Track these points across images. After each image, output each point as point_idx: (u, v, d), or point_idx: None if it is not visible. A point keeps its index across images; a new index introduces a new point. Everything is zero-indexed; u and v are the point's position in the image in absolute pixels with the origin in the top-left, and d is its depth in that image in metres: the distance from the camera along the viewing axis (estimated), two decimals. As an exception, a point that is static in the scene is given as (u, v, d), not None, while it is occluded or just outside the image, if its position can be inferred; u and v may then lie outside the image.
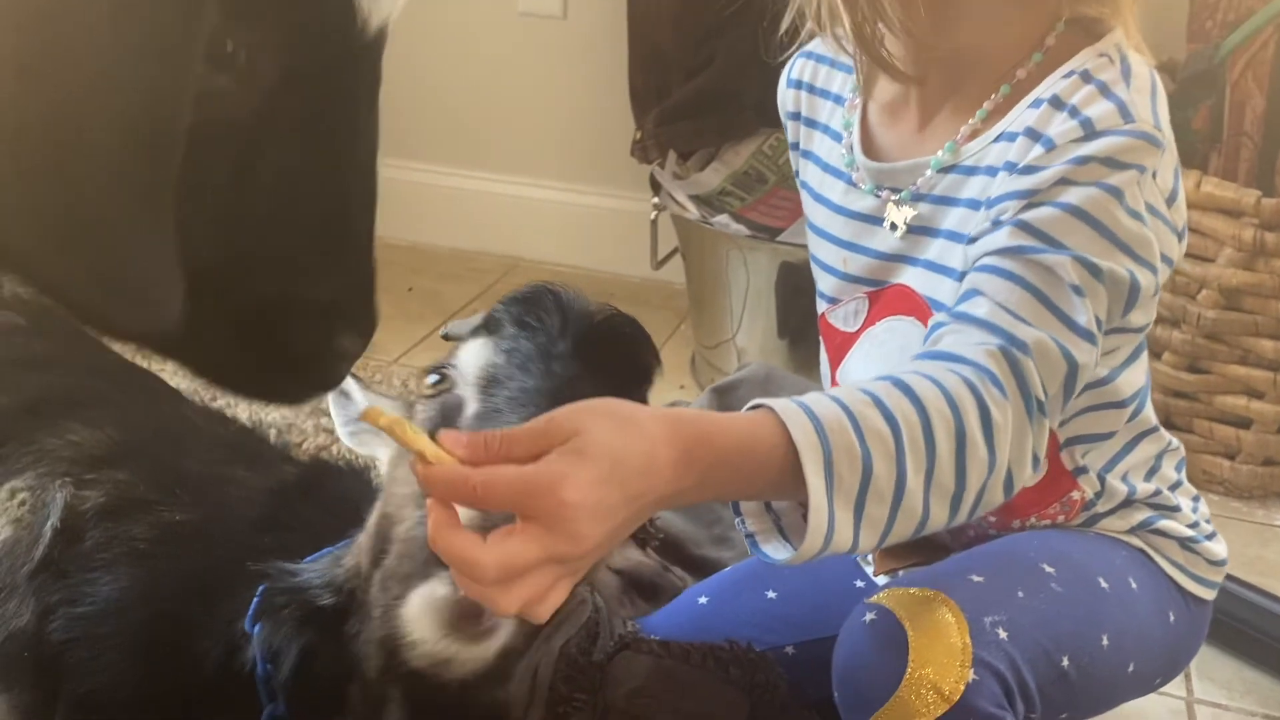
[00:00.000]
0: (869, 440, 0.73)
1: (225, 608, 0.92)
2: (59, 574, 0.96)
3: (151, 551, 0.96)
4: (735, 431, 0.72)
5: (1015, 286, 0.83)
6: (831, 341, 1.11)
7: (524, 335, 0.85)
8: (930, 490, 0.75)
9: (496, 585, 0.64)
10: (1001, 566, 0.91)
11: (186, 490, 1.02)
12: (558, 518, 0.64)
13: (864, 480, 0.73)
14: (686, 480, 0.69)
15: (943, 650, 0.81)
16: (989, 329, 0.82)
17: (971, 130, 0.96)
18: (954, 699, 0.79)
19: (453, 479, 0.65)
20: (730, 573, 1.21)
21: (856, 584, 1.13)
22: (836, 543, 0.72)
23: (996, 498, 0.79)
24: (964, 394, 0.77)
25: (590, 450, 0.66)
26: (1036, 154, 0.88)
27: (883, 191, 1.01)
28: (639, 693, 0.95)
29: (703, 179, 2.03)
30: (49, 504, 0.99)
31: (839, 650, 0.87)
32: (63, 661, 0.95)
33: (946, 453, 0.75)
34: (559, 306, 0.86)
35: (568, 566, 0.66)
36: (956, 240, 0.96)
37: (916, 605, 0.84)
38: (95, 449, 1.03)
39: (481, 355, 0.85)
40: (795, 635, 1.09)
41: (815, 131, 1.11)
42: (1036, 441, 0.81)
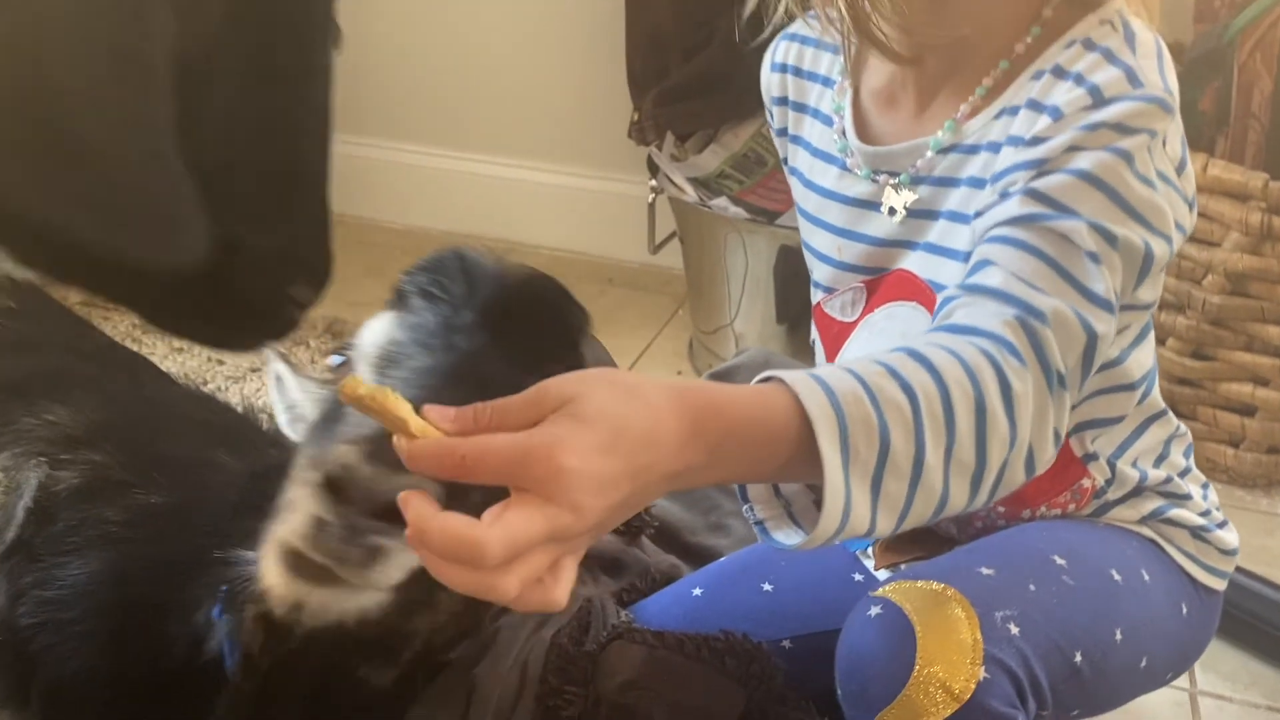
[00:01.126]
0: (886, 412, 0.68)
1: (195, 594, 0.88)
2: (31, 556, 0.93)
3: (123, 535, 0.93)
4: (745, 402, 0.67)
5: (1028, 255, 0.80)
6: (828, 332, 1.08)
7: (428, 307, 0.77)
8: (950, 466, 0.70)
9: (499, 568, 0.57)
10: (1011, 559, 0.88)
11: (164, 473, 0.99)
12: (556, 486, 0.58)
13: (881, 454, 0.68)
14: (695, 454, 0.63)
15: (952, 647, 0.77)
16: (1004, 299, 0.78)
17: (971, 108, 0.93)
18: (964, 698, 0.76)
19: (439, 450, 0.59)
20: (725, 564, 1.19)
21: (855, 577, 1.10)
22: (853, 524, 0.68)
23: (1017, 478, 0.75)
24: (982, 365, 0.73)
25: (589, 414, 0.60)
26: (1044, 124, 0.86)
27: (880, 176, 0.99)
28: (632, 684, 0.92)
29: (701, 161, 2.00)
30: (23, 484, 0.96)
31: (842, 645, 0.83)
32: (32, 647, 0.92)
33: (966, 426, 0.71)
34: (465, 272, 0.78)
35: (568, 544, 0.60)
36: (959, 221, 0.93)
37: (924, 599, 0.80)
38: (73, 430, 1.01)
39: (382, 333, 0.77)
40: (792, 629, 1.07)
41: (804, 116, 1.08)
42: (1057, 417, 0.76)
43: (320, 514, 0.63)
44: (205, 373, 2.05)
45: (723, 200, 1.95)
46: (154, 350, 2.19)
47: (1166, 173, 0.86)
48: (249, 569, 0.82)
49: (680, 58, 2.03)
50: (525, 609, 0.60)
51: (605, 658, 0.94)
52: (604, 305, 2.35)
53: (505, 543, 0.56)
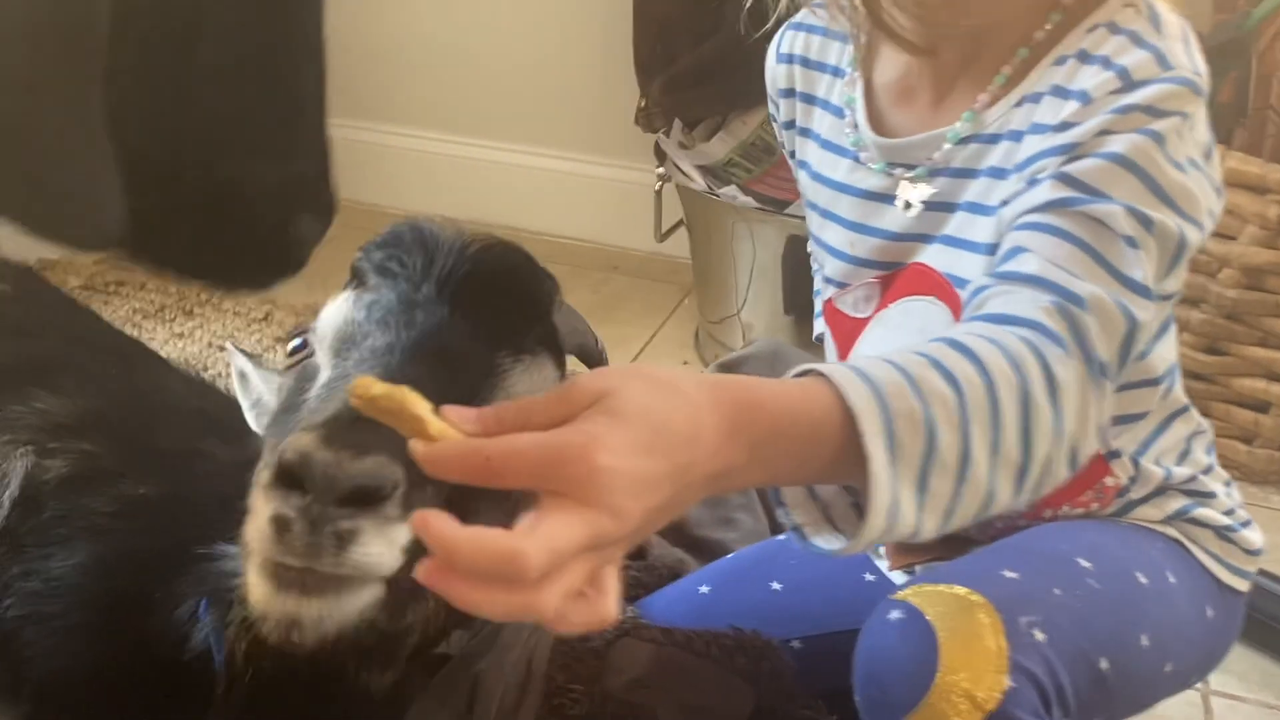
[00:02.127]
0: (932, 404, 0.64)
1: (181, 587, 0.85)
2: (17, 547, 0.90)
3: (111, 526, 0.90)
4: (785, 397, 0.62)
5: (1062, 241, 0.77)
6: (839, 329, 1.05)
7: (385, 284, 0.72)
8: (995, 462, 0.66)
9: (539, 581, 0.51)
10: (1035, 561, 0.85)
11: (154, 463, 0.96)
12: (594, 487, 0.52)
13: (927, 448, 0.64)
14: (735, 453, 0.59)
15: (977, 654, 0.74)
16: (1041, 285, 0.74)
17: (990, 97, 0.91)
18: (989, 708, 0.73)
19: (462, 452, 0.53)
20: (733, 561, 1.16)
21: (867, 577, 1.08)
22: (899, 525, 0.63)
23: (1060, 474, 0.71)
24: (1025, 353, 0.69)
25: (625, 411, 0.55)
26: (1072, 109, 0.83)
27: (895, 169, 0.96)
28: (640, 682, 0.90)
29: (709, 149, 1.97)
30: (9, 473, 0.94)
31: (861, 649, 0.80)
32: (19, 641, 0.89)
33: (1012, 418, 0.67)
34: (422, 245, 0.73)
35: (606, 553, 0.55)
36: (979, 212, 0.90)
37: (947, 604, 0.77)
38: (62, 418, 0.98)
39: (340, 313, 0.73)
40: (802, 628, 1.05)
41: (814, 108, 1.05)
42: (1099, 409, 0.73)
43: (279, 511, 0.58)
44: (206, 359, 2.03)
45: (731, 189, 1.92)
46: (154, 336, 2.17)
47: (1196, 158, 0.84)
48: (234, 563, 0.79)
49: (689, 44, 2.00)
50: (569, 628, 0.54)
51: (612, 655, 0.92)
52: (608, 294, 2.32)
53: (547, 552, 0.51)
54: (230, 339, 2.18)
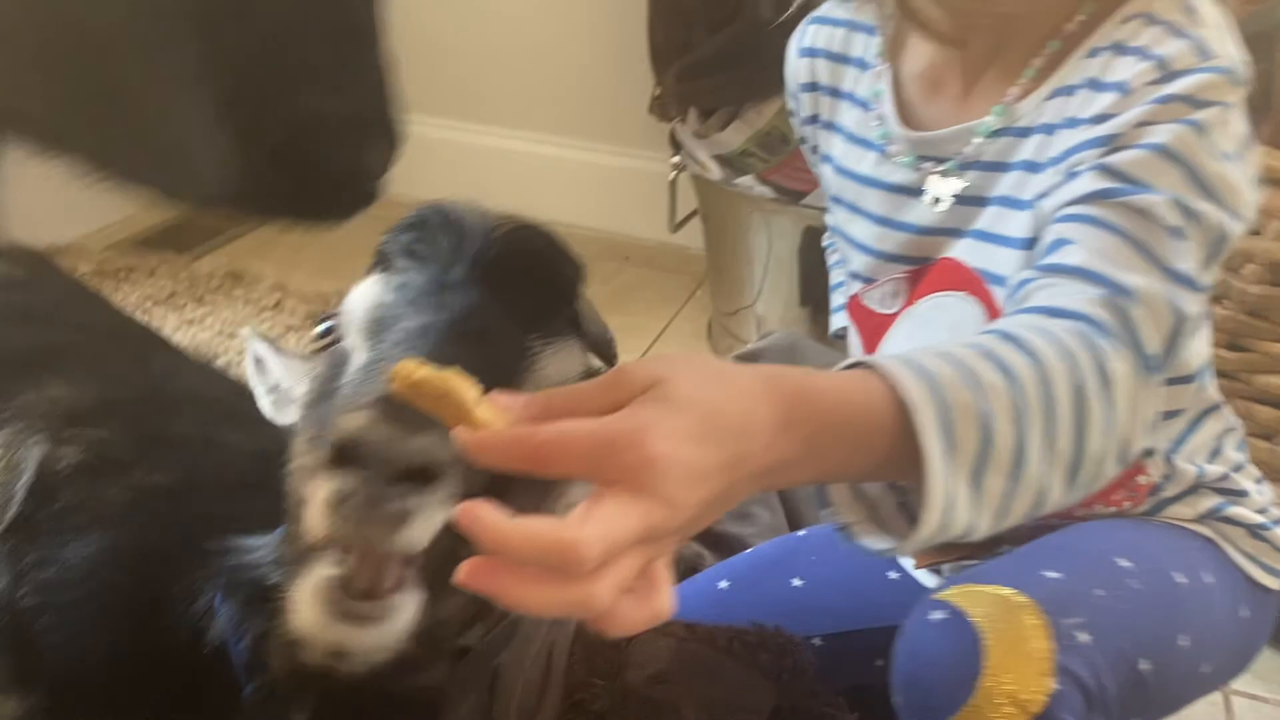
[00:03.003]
0: (987, 397, 0.62)
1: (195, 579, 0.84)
2: (32, 536, 0.89)
3: (126, 516, 0.88)
4: (838, 390, 0.60)
5: (1106, 233, 0.75)
6: (866, 324, 1.03)
7: (414, 267, 0.72)
8: (1050, 457, 0.64)
9: (593, 573, 0.49)
10: (1076, 562, 0.83)
11: (167, 452, 0.95)
12: (648, 476, 0.50)
13: (984, 444, 0.61)
14: (789, 447, 0.57)
15: (1022, 656, 0.73)
16: (1087, 278, 0.73)
17: (1022, 90, 0.89)
18: (1034, 711, 0.72)
19: (511, 439, 0.51)
20: (752, 556, 1.15)
21: (891, 575, 1.06)
22: (954, 522, 0.61)
23: (1109, 471, 0.69)
24: (1077, 346, 0.67)
25: (678, 399, 0.53)
26: (1110, 101, 0.82)
27: (924, 164, 0.95)
28: (662, 677, 0.88)
29: (724, 138, 1.95)
30: (23, 461, 0.92)
31: (902, 650, 0.78)
32: (35, 629, 0.88)
33: (1066, 412, 0.65)
34: (449, 227, 0.72)
35: (658, 547, 0.52)
36: (1012, 206, 0.89)
37: (991, 605, 0.75)
38: (76, 406, 0.96)
39: (369, 296, 0.72)
40: (824, 625, 1.03)
41: (840, 101, 1.04)
42: (1149, 404, 0.71)
43: (339, 488, 0.56)
44: (217, 346, 2.02)
45: (748, 179, 1.90)
46: (165, 323, 2.16)
47: (1236, 149, 0.82)
48: (252, 556, 0.78)
49: (705, 32, 1.97)
50: (623, 627, 0.52)
51: (634, 649, 0.90)
52: (620, 284, 2.30)
53: (602, 542, 0.49)
54: (241, 326, 2.17)
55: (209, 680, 0.83)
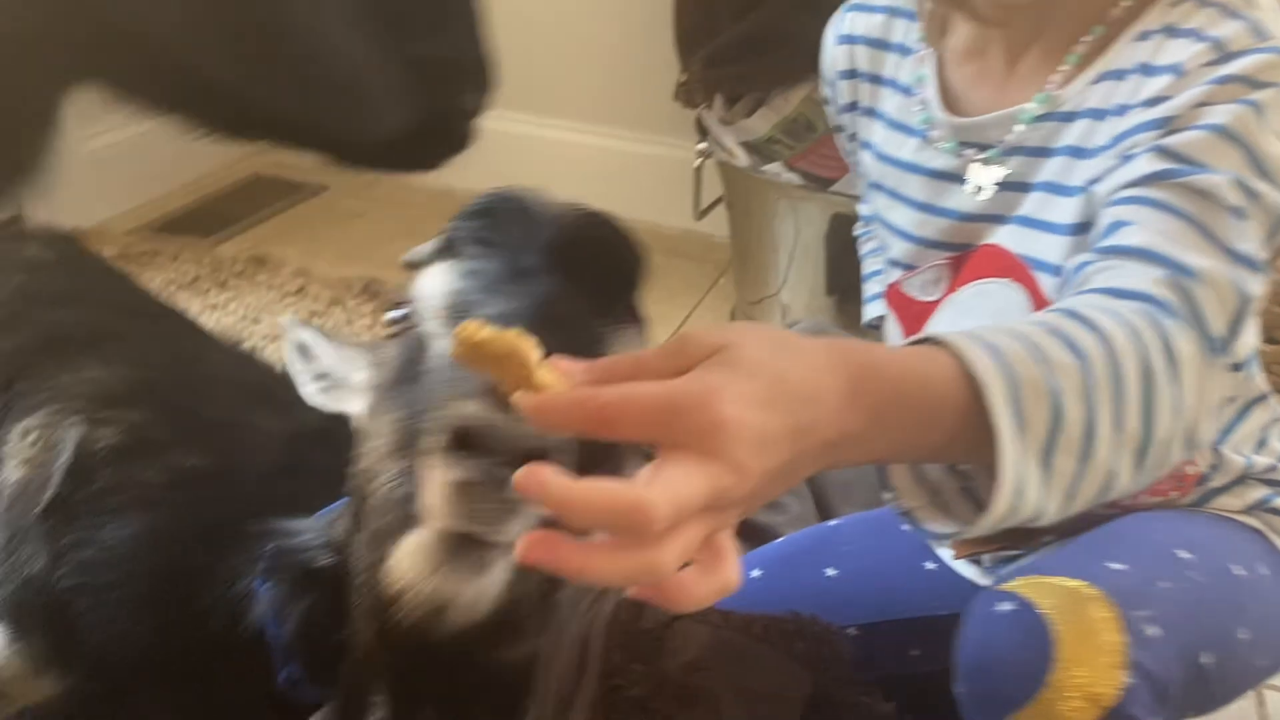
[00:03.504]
0: (1057, 373, 0.60)
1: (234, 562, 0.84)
2: (69, 516, 0.89)
3: (163, 498, 0.89)
4: (904, 362, 0.59)
5: (1166, 214, 0.73)
6: (906, 312, 1.02)
7: (486, 254, 0.72)
8: (1120, 438, 0.62)
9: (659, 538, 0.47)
10: (1138, 553, 0.81)
11: (203, 434, 0.95)
12: (716, 439, 0.49)
13: (1054, 422, 0.60)
14: (856, 419, 0.55)
15: (1095, 650, 0.71)
16: (1149, 258, 0.71)
17: (1066, 74, 0.88)
18: (1107, 705, 0.70)
19: (575, 401, 0.50)
20: (785, 545, 1.14)
21: (927, 566, 1.05)
22: (1024, 503, 0.59)
23: (1176, 456, 0.67)
24: (1143, 325, 0.65)
25: (745, 363, 0.52)
26: (1164, 83, 0.80)
27: (966, 150, 0.93)
28: (697, 664, 0.87)
29: (750, 125, 1.94)
30: (61, 442, 0.93)
31: (968, 641, 0.76)
32: (73, 610, 0.88)
33: (1134, 391, 0.63)
34: (518, 215, 0.73)
35: (723, 516, 0.51)
36: (1058, 192, 0.87)
37: (1061, 597, 0.74)
38: (111, 387, 0.97)
39: (442, 282, 0.72)
40: (859, 616, 1.02)
41: (881, 88, 1.02)
42: (1215, 387, 0.69)
43: (461, 475, 0.57)
44: (241, 331, 2.02)
45: (776, 166, 1.88)
46: (189, 308, 2.17)
47: None
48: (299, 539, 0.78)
49: (731, 18, 1.96)
50: (690, 600, 0.50)
51: (670, 636, 0.90)
52: (643, 272, 2.29)
53: (671, 504, 0.47)
54: (265, 311, 2.17)
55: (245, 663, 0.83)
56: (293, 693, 0.83)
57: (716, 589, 0.51)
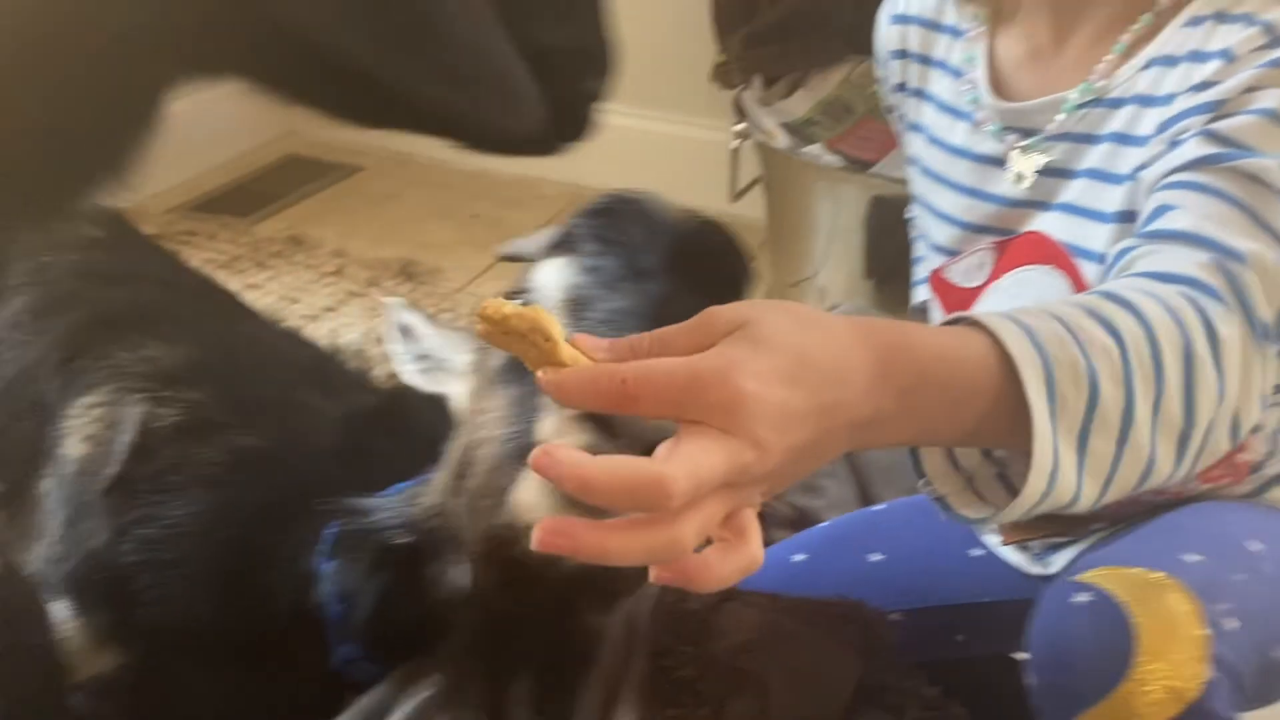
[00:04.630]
0: (1093, 355, 0.59)
1: (296, 542, 0.86)
2: (131, 493, 0.91)
3: (223, 477, 0.90)
4: (936, 342, 0.58)
5: (1213, 199, 0.72)
6: (949, 299, 1.01)
7: (606, 252, 0.74)
8: (1158, 422, 0.61)
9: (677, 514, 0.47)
10: (1213, 545, 0.80)
11: (260, 414, 0.96)
12: (736, 414, 0.48)
13: (1090, 404, 0.59)
14: (884, 398, 0.54)
15: (1176, 643, 0.70)
16: (1195, 242, 0.70)
17: (1115, 60, 0.87)
18: (1189, 699, 0.68)
19: (597, 375, 0.49)
20: (829, 530, 1.14)
21: (974, 553, 1.04)
22: (1059, 488, 0.58)
23: (1221, 444, 0.66)
24: (1185, 308, 0.64)
25: (769, 339, 0.51)
26: (1214, 68, 0.79)
27: (1009, 135, 0.93)
28: (746, 647, 0.88)
29: (788, 106, 1.93)
30: (123, 420, 0.94)
31: (1041, 632, 0.75)
32: (134, 586, 0.90)
33: (1175, 375, 0.62)
34: (641, 217, 0.76)
35: (744, 493, 0.50)
36: (1104, 180, 0.86)
37: (1140, 589, 0.72)
38: (171, 366, 0.98)
39: (562, 276, 0.75)
40: (903, 601, 1.01)
41: (931, 70, 1.02)
42: (1262, 374, 0.68)
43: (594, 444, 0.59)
44: (280, 311, 2.04)
45: (816, 148, 1.88)
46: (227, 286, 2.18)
47: None
48: (373, 518, 0.80)
49: (770, -3, 1.95)
50: (714, 580, 0.49)
51: (717, 618, 0.90)
52: (678, 254, 2.29)
53: (689, 478, 0.46)
54: (303, 292, 2.19)
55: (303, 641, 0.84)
56: (347, 671, 0.85)
57: (740, 568, 0.50)
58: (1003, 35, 0.96)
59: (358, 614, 0.81)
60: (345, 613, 0.82)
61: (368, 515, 0.81)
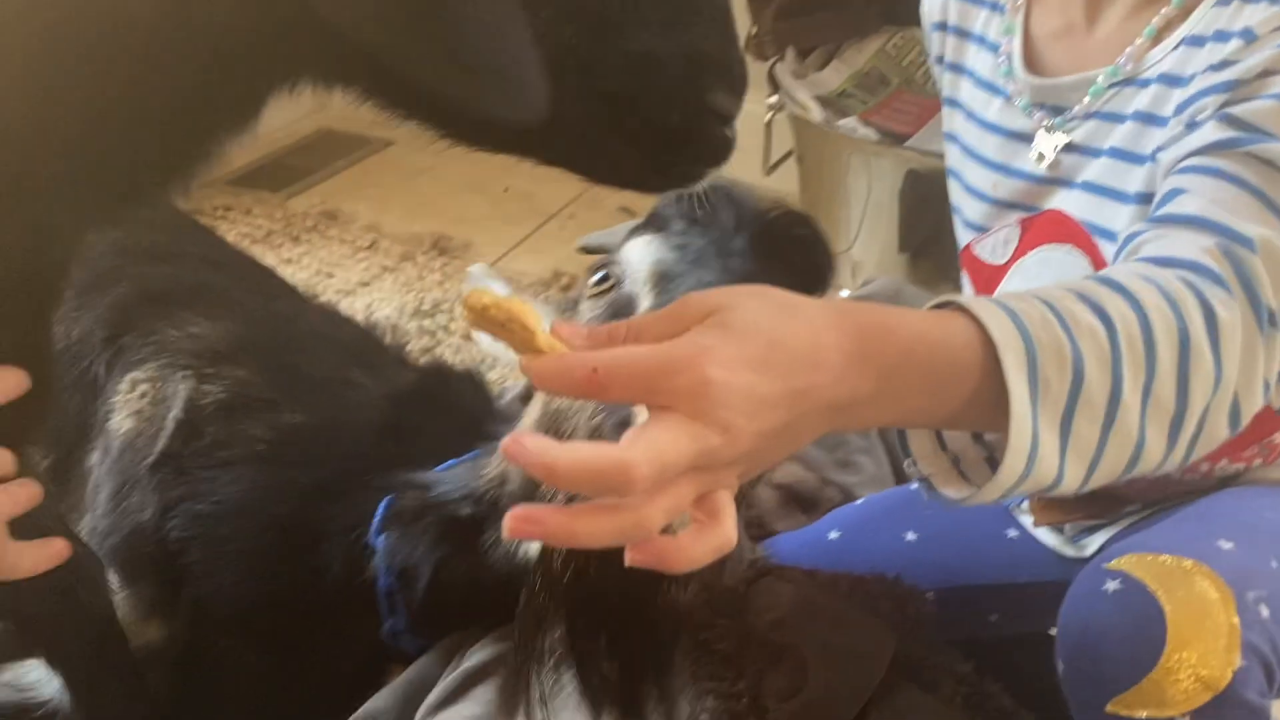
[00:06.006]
0: (1080, 339, 0.59)
1: (346, 517, 0.88)
2: (179, 469, 0.93)
3: (271, 454, 0.92)
4: (918, 325, 0.58)
5: (1226, 183, 0.72)
6: (978, 277, 1.01)
7: (694, 231, 0.77)
8: (1148, 407, 0.61)
9: (645, 496, 0.48)
10: (1247, 531, 0.79)
11: (305, 391, 0.98)
12: (703, 400, 0.49)
13: (1074, 387, 0.58)
14: (862, 381, 0.54)
15: (1207, 631, 0.69)
16: (1202, 226, 0.69)
17: (1148, 42, 0.86)
18: (1219, 687, 0.68)
19: (569, 364, 0.51)
20: (864, 508, 1.14)
21: (1009, 534, 1.04)
22: (1039, 470, 0.58)
23: (1219, 431, 0.66)
24: (1183, 292, 0.64)
25: (738, 325, 0.52)
26: (1234, 47, 0.79)
27: (1038, 112, 0.92)
28: (783, 622, 0.89)
29: (822, 78, 1.91)
30: (170, 396, 0.95)
31: (1071, 619, 0.74)
32: (182, 560, 0.92)
33: (1168, 360, 0.61)
34: (731, 202, 0.78)
35: (715, 476, 0.51)
36: (1127, 160, 0.86)
37: (1170, 576, 0.71)
38: (216, 343, 0.99)
39: (650, 252, 0.78)
40: (937, 580, 1.01)
41: (968, 43, 1.01)
42: (1267, 361, 0.66)
43: None
44: (315, 286, 2.06)
45: (851, 121, 1.86)
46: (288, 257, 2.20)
47: None
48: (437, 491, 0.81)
49: (803, -32, 1.93)
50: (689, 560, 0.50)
51: (754, 594, 0.91)
52: (710, 228, 2.28)
53: (653, 463, 0.48)
54: (337, 266, 2.20)
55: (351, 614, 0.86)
56: (394, 643, 0.87)
57: (713, 548, 0.51)
58: (1039, 9, 0.95)
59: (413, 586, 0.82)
60: (396, 585, 0.83)
61: (427, 489, 0.83)
